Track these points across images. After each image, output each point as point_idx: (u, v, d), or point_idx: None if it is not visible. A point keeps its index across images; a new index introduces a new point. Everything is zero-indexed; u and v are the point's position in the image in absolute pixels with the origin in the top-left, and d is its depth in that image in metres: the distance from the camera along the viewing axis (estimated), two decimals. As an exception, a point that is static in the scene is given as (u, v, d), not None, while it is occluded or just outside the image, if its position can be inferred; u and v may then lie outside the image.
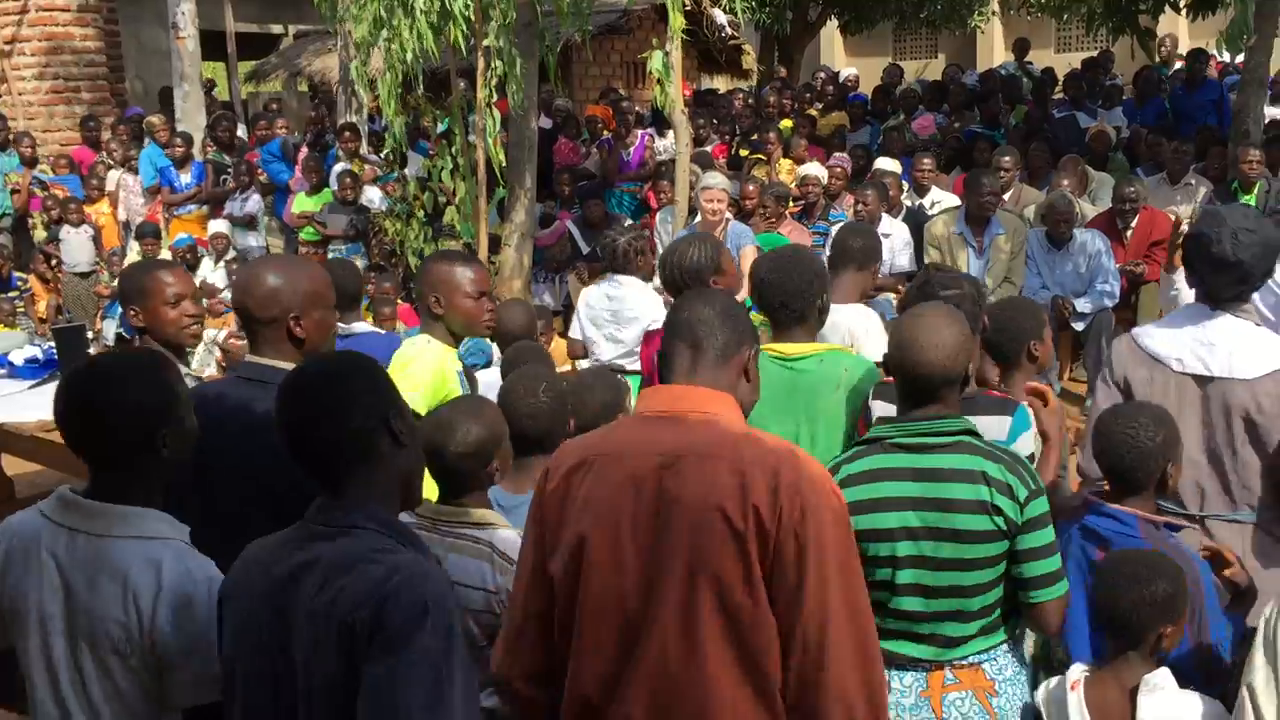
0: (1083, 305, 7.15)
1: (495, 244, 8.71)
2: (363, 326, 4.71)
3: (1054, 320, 6.97)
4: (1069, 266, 7.24)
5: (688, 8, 7.17)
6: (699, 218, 7.19)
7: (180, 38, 10.86)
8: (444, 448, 2.67)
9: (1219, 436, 3.11)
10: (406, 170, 9.76)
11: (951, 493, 2.46)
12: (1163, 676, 2.54)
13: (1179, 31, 18.00)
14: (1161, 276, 4.15)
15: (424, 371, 3.33)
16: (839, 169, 8.88)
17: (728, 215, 7.13)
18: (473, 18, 7.64)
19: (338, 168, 9.88)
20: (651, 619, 1.95)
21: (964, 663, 2.57)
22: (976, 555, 2.46)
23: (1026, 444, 2.92)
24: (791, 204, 8.36)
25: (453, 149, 8.40)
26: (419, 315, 3.71)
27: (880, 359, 3.33)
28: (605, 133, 10.75)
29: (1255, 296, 3.56)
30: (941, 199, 8.46)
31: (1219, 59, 12.37)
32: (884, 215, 7.58)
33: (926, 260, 7.48)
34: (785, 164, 9.69)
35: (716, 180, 7.16)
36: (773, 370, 3.09)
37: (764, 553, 1.89)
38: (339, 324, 4.43)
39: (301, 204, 9.83)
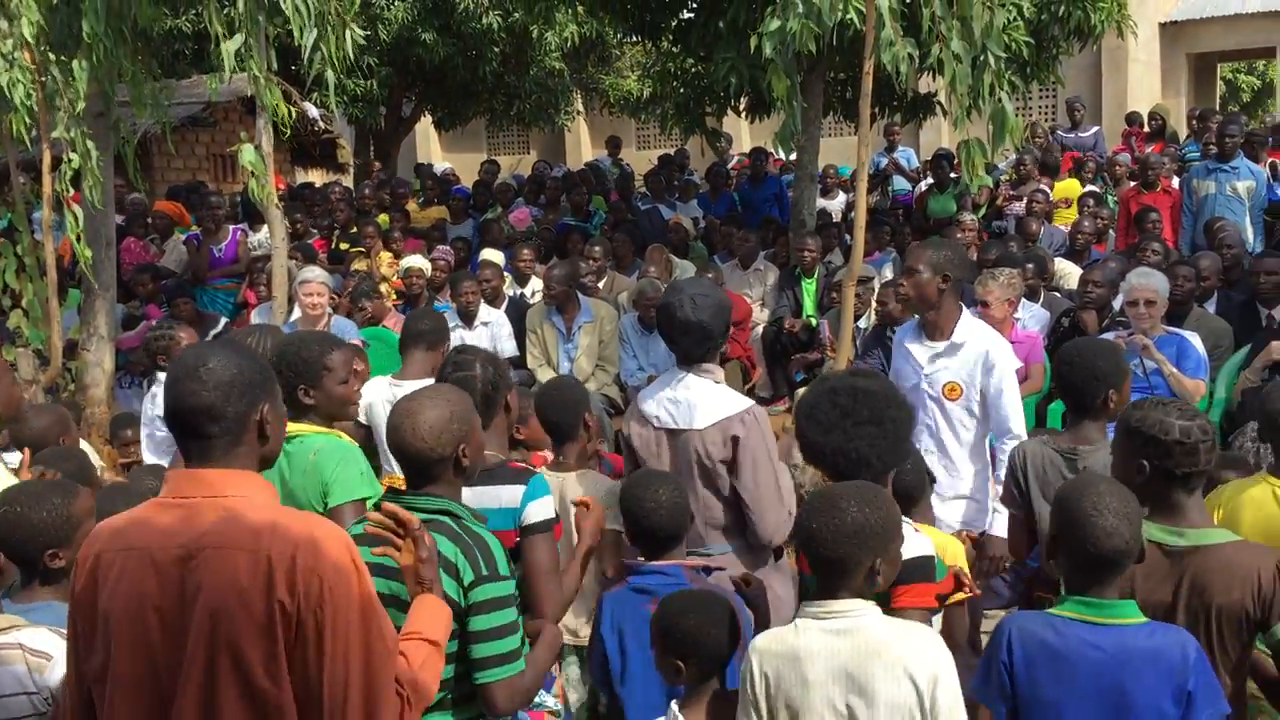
0: (676, 383, 7.62)
1: (72, 349, 8.01)
2: None
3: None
4: (661, 348, 7.72)
5: (277, 101, 6.99)
6: (298, 313, 7.01)
7: None
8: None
9: (687, 481, 3.53)
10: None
11: None
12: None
13: (741, 132, 19.91)
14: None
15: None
16: (442, 261, 8.99)
17: (329, 309, 7.00)
18: (36, 107, 7.08)
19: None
20: (178, 711, 1.98)
21: None
22: None
23: (542, 509, 3.10)
24: (395, 296, 8.34)
25: (18, 247, 7.68)
26: None
27: None
28: (183, 229, 10.22)
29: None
30: (541, 288, 8.77)
31: (777, 156, 13.79)
32: (482, 305, 7.75)
33: (529, 346, 7.73)
34: (385, 256, 9.68)
35: (315, 274, 7.03)
36: None
37: (286, 638, 1.97)
38: None
39: None
